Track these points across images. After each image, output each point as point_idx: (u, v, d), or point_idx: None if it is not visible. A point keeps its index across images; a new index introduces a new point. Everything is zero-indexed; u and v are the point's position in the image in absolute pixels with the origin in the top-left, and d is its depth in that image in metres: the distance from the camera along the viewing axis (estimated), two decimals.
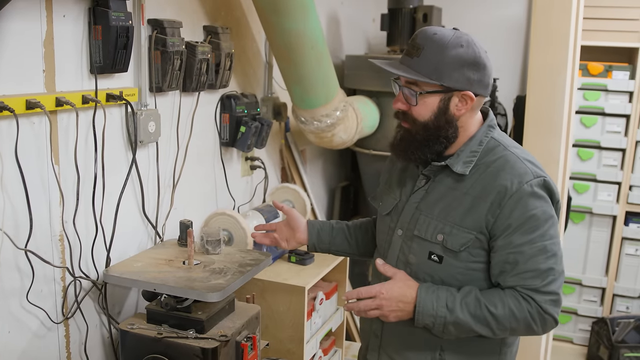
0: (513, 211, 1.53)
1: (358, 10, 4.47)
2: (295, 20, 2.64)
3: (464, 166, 1.61)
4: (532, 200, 1.54)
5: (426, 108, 1.59)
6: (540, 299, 1.53)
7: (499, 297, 1.55)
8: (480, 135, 1.64)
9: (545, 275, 1.53)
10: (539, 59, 2.60)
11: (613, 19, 3.87)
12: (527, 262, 1.53)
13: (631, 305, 4.09)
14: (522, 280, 1.54)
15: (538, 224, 1.53)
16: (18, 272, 1.86)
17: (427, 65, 1.55)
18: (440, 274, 1.63)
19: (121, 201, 2.20)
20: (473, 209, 1.57)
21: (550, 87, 2.59)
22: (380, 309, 1.60)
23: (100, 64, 2.04)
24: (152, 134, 2.31)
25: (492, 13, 4.46)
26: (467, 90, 1.58)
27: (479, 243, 1.58)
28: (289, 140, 3.59)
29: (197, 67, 2.44)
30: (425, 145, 1.61)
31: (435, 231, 1.62)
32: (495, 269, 1.58)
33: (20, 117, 1.76)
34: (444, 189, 1.64)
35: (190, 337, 1.98)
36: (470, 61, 1.57)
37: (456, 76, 1.56)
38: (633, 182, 3.95)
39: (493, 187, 1.56)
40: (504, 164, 1.59)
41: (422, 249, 1.65)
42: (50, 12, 1.86)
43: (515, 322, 1.54)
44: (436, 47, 1.55)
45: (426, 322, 1.58)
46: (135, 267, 2.11)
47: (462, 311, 1.54)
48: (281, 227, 2.04)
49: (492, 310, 1.53)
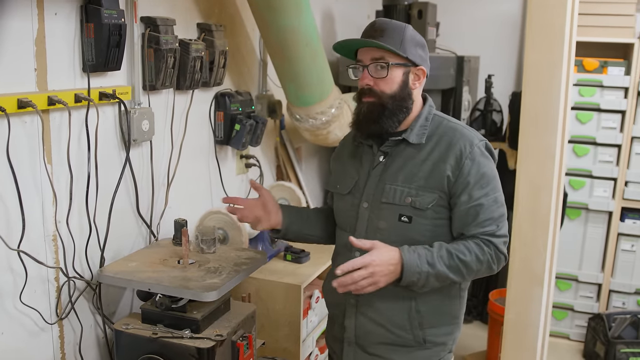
0: (470, 170, 1.79)
1: (353, 6, 4.45)
2: (290, 17, 2.62)
3: (419, 138, 1.85)
4: (483, 159, 1.81)
5: (392, 81, 1.82)
6: (496, 241, 1.79)
7: (464, 246, 1.78)
8: (425, 112, 1.89)
9: (499, 221, 1.80)
10: (534, 55, 2.58)
11: (608, 15, 3.86)
12: (485, 211, 1.78)
13: (627, 301, 4.08)
14: (482, 228, 1.78)
15: (489, 179, 1.81)
16: (11, 272, 1.84)
17: (393, 41, 1.79)
18: (411, 232, 1.83)
19: (115, 200, 2.19)
20: (434, 171, 1.81)
21: (545, 83, 2.57)
22: (372, 276, 1.71)
23: (92, 62, 2.02)
24: (145, 132, 2.29)
25: (487, 9, 4.46)
26: (422, 66, 1.85)
27: (442, 201, 1.81)
28: (284, 138, 3.57)
29: (191, 65, 2.43)
30: (393, 114, 1.83)
31: (402, 195, 1.83)
32: (458, 222, 1.82)
33: (11, 116, 1.74)
34: (402, 159, 1.86)
35: (185, 336, 1.97)
36: (420, 42, 1.85)
37: (414, 52, 1.82)
38: (629, 177, 3.95)
39: (450, 152, 1.80)
40: (454, 132, 1.84)
41: (392, 213, 1.84)
42: (41, 10, 1.85)
43: (480, 265, 1.78)
44: (396, 29, 1.81)
45: (412, 279, 1.74)
46: (129, 266, 2.10)
47: (440, 264, 1.75)
48: (252, 207, 2.05)
49: (462, 258, 1.76)
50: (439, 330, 1.89)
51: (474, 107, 4.16)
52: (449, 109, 3.95)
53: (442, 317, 1.90)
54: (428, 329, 1.87)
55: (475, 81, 4.25)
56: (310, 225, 2.13)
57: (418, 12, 3.82)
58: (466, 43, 4.35)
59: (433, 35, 3.97)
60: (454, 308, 1.92)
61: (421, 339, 1.87)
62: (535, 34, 2.57)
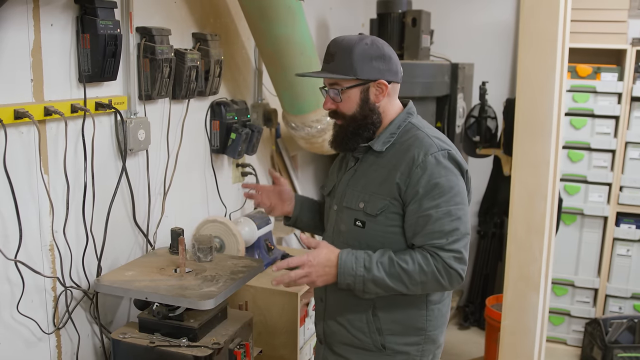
0: (420, 179, 1.75)
1: (347, 15, 4.48)
2: (285, 26, 2.64)
3: (382, 145, 1.85)
4: (438, 169, 1.76)
5: (350, 102, 1.83)
6: (445, 255, 1.73)
7: (409, 255, 1.75)
8: (399, 120, 1.88)
9: (449, 235, 1.73)
10: (528, 62, 2.60)
11: (601, 21, 3.89)
12: (434, 223, 1.73)
13: (624, 305, 4.09)
14: (430, 240, 1.74)
15: (443, 191, 1.74)
16: (8, 282, 1.84)
17: (342, 66, 1.79)
18: (365, 238, 1.85)
19: (111, 210, 2.19)
20: (387, 178, 1.81)
21: (539, 90, 2.59)
22: (308, 275, 1.76)
23: (88, 73, 2.03)
24: (142, 142, 2.30)
25: (481, 16, 4.48)
26: (380, 79, 1.81)
27: (394, 208, 1.80)
28: (280, 146, 3.59)
29: (187, 75, 2.44)
30: (356, 134, 1.85)
31: (357, 200, 1.86)
32: (408, 231, 1.80)
33: (8, 127, 1.75)
34: (367, 166, 1.89)
35: (182, 345, 1.97)
36: (376, 55, 1.80)
37: (367, 69, 1.79)
38: (623, 182, 3.96)
39: (403, 159, 1.79)
40: (414, 140, 1.82)
41: (349, 217, 1.88)
42: (37, 21, 1.86)
43: (424, 276, 1.73)
44: (345, 49, 1.79)
45: (348, 282, 1.76)
46: (126, 275, 2.10)
47: (377, 269, 1.74)
48: (268, 193, 2.13)
49: (404, 266, 1.73)
50: (401, 339, 1.87)
51: (469, 113, 4.18)
52: (443, 115, 3.97)
53: (404, 326, 1.87)
54: (388, 335, 1.87)
55: (469, 88, 4.27)
56: (319, 217, 2.15)
57: (412, 20, 3.84)
58: (460, 50, 4.38)
59: (427, 43, 3.99)
60: (418, 320, 1.87)
61: (379, 345, 1.87)
62: (529, 41, 2.59)
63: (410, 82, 3.62)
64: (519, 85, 2.63)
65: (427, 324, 1.89)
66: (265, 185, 2.15)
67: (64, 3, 1.95)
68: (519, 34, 2.63)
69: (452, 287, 1.79)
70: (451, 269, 1.73)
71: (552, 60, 2.57)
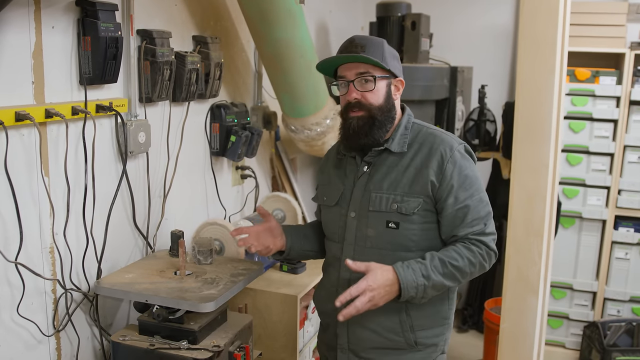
0: (453, 173, 1.84)
1: (347, 18, 4.49)
2: (285, 29, 2.64)
3: (400, 146, 1.91)
4: (464, 161, 1.87)
5: (379, 93, 1.88)
6: (486, 239, 1.84)
7: (455, 252, 1.82)
8: (405, 121, 1.96)
9: (485, 219, 1.86)
10: (527, 66, 2.61)
11: (599, 25, 3.90)
12: (473, 212, 1.84)
13: (622, 308, 4.10)
14: (471, 228, 1.84)
15: (472, 181, 1.86)
16: (8, 285, 1.84)
17: (376, 55, 1.85)
18: (399, 238, 1.88)
19: (112, 212, 2.19)
20: (418, 177, 1.86)
21: (538, 93, 2.60)
22: (372, 300, 1.75)
23: (89, 75, 2.03)
24: (142, 144, 2.30)
25: (480, 20, 4.50)
26: (400, 77, 1.92)
27: (427, 205, 1.86)
28: (280, 149, 3.59)
29: (187, 77, 2.45)
30: (383, 124, 1.89)
31: (388, 202, 1.88)
32: (447, 225, 1.87)
33: (9, 129, 1.75)
34: (386, 168, 1.91)
35: (183, 347, 1.97)
36: (396, 55, 1.94)
37: (393, 64, 1.90)
38: (622, 186, 3.97)
39: (432, 157, 1.86)
40: (434, 138, 1.91)
41: (379, 220, 1.89)
42: (39, 23, 1.86)
43: (473, 267, 1.83)
44: (375, 43, 1.87)
45: (411, 295, 1.78)
46: (126, 278, 2.10)
47: (435, 274, 1.79)
48: (258, 234, 2.07)
49: (455, 264, 1.80)
50: (430, 332, 1.93)
51: (468, 117, 4.18)
52: (442, 119, 3.98)
53: (433, 319, 1.94)
54: (419, 331, 1.92)
55: (468, 91, 4.28)
56: (309, 241, 2.17)
57: (412, 24, 3.85)
58: (459, 54, 4.39)
59: (426, 46, 4.00)
60: (443, 309, 1.96)
61: (412, 342, 1.91)
62: (528, 44, 2.60)
63: (409, 85, 3.58)
64: (518, 88, 2.64)
65: (449, 312, 1.99)
66: (254, 227, 2.09)
67: (66, 5, 1.95)
68: (518, 38, 2.63)
69: (490, 267, 1.89)
70: (491, 251, 1.85)
71: (551, 63, 2.57)
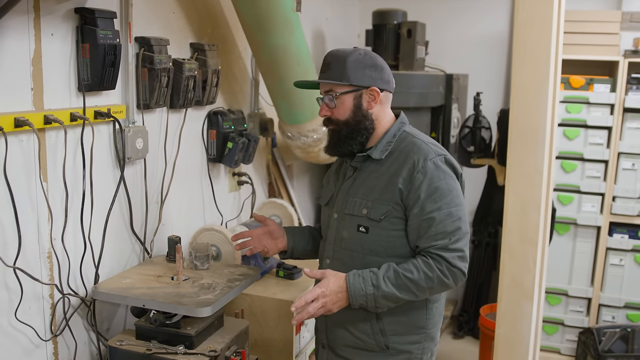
0: (422, 184, 1.83)
1: (343, 26, 4.52)
2: (281, 36, 2.67)
3: (381, 153, 1.93)
4: (437, 173, 1.85)
5: (344, 107, 1.91)
6: (448, 255, 1.81)
7: (412, 264, 1.83)
8: (394, 129, 1.97)
9: (452, 235, 1.82)
10: (522, 73, 2.63)
11: (593, 33, 3.94)
12: (437, 225, 1.82)
13: (617, 314, 4.12)
14: (434, 241, 1.82)
15: (443, 194, 1.83)
16: (6, 289, 1.86)
17: (336, 73, 1.89)
18: (368, 243, 1.91)
19: (109, 218, 2.21)
20: (389, 184, 1.88)
21: (533, 101, 2.62)
22: (325, 306, 1.84)
23: (88, 82, 2.05)
24: (139, 150, 2.32)
25: (475, 28, 4.53)
26: (372, 86, 1.90)
27: (396, 213, 1.87)
28: (276, 156, 3.61)
29: (184, 84, 2.46)
30: (350, 138, 1.93)
31: (360, 207, 1.92)
32: (412, 234, 1.87)
33: (8, 135, 1.77)
34: (367, 174, 1.95)
35: (179, 352, 1.98)
36: (369, 64, 1.91)
37: (360, 76, 1.89)
38: (616, 193, 4.00)
39: (404, 165, 1.87)
40: (412, 147, 1.91)
41: (352, 223, 1.94)
42: (38, 30, 1.88)
43: (430, 282, 1.82)
44: (340, 59, 1.90)
45: (360, 302, 1.83)
46: (124, 283, 2.12)
47: (386, 285, 1.81)
48: (259, 237, 2.17)
49: (410, 276, 1.81)
50: (403, 338, 1.95)
51: (463, 124, 4.21)
52: (438, 126, 4.00)
53: (406, 327, 1.95)
54: (391, 336, 1.94)
55: (464, 98, 4.30)
56: (312, 242, 2.21)
57: (407, 31, 3.88)
58: (455, 61, 4.42)
59: (422, 54, 4.03)
60: (419, 319, 1.95)
61: (383, 345, 1.94)
62: (522, 52, 2.62)
63: (405, 93, 3.65)
64: (512, 96, 2.66)
65: (427, 322, 1.97)
66: (255, 230, 2.18)
67: (65, 13, 1.97)
68: (513, 46, 2.66)
69: (456, 285, 1.87)
70: (454, 268, 1.82)
71: (546, 71, 2.60)
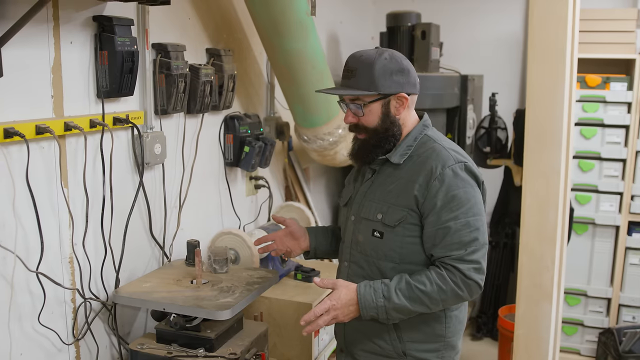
0: (438, 191, 1.78)
1: (357, 29, 4.53)
2: (296, 40, 2.68)
3: (400, 157, 1.87)
4: (455, 181, 1.78)
5: (372, 115, 1.86)
6: (463, 267, 1.75)
7: (425, 276, 1.78)
8: (416, 132, 1.91)
9: (468, 246, 1.76)
10: (537, 73, 2.62)
11: (609, 32, 3.91)
12: (453, 235, 1.76)
13: (637, 315, 4.08)
14: (449, 251, 1.76)
15: (461, 203, 1.77)
16: (30, 294, 1.88)
17: (363, 81, 1.82)
18: (383, 248, 1.87)
19: (129, 223, 2.23)
20: (405, 190, 1.83)
21: (549, 100, 2.61)
22: (336, 318, 1.82)
23: (106, 89, 2.08)
24: (158, 155, 2.34)
25: (490, 28, 4.52)
26: (400, 92, 1.85)
27: (412, 219, 1.82)
28: (292, 159, 3.62)
29: (201, 89, 2.49)
30: (378, 146, 1.88)
31: (375, 211, 1.88)
32: (427, 243, 1.82)
33: (30, 142, 1.80)
34: (385, 177, 1.91)
35: (200, 355, 1.99)
36: (396, 69, 1.84)
37: (388, 83, 1.82)
38: (635, 192, 3.96)
39: (421, 171, 1.82)
40: (431, 152, 1.85)
41: (367, 227, 1.90)
42: (57, 39, 1.91)
43: (443, 294, 1.76)
44: (366, 65, 1.82)
45: (371, 314, 1.80)
46: (144, 287, 2.14)
47: (397, 297, 1.77)
48: (281, 238, 2.16)
49: (422, 289, 1.76)
50: (421, 346, 1.91)
51: (479, 125, 4.20)
52: (454, 127, 3.99)
53: (424, 335, 1.90)
54: (408, 342, 1.90)
55: (479, 99, 4.29)
56: (335, 241, 2.18)
57: (422, 33, 3.88)
58: (470, 62, 4.41)
59: (437, 55, 4.03)
60: (437, 327, 1.91)
61: (401, 351, 1.91)
62: (537, 52, 2.62)
63: (420, 95, 3.59)
64: (528, 96, 2.65)
65: (446, 331, 1.92)
66: (277, 232, 2.17)
67: (83, 21, 2.00)
68: (528, 45, 2.65)
69: (472, 298, 1.82)
70: (470, 280, 1.76)
71: (561, 70, 2.59)
